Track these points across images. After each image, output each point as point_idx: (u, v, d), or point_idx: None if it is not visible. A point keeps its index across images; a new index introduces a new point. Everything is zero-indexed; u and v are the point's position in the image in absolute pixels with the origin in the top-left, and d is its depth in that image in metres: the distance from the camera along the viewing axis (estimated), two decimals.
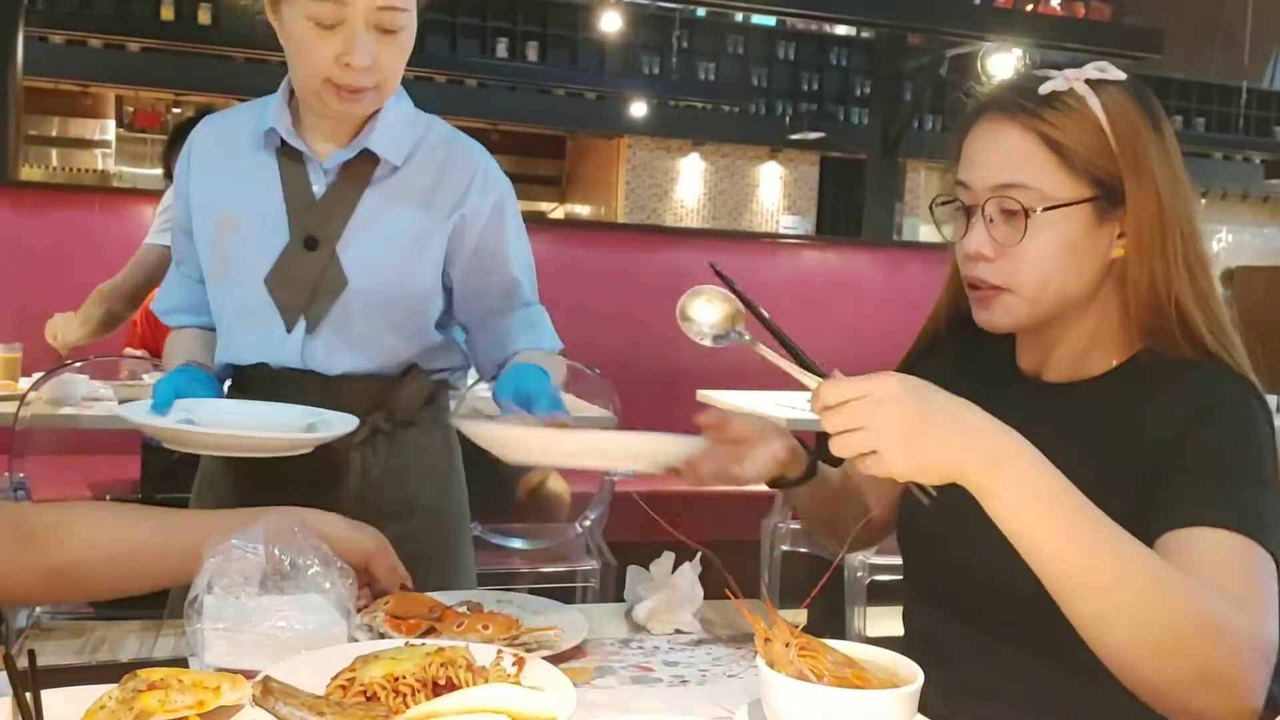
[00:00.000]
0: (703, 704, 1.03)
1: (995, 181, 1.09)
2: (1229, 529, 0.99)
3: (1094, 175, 1.07)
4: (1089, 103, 1.08)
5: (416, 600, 1.18)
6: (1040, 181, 1.07)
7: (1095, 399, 1.13)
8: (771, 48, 12.26)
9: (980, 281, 1.11)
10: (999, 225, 1.09)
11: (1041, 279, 1.09)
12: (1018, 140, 1.08)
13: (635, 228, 9.09)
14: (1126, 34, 8.86)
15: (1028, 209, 1.07)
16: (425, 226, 1.51)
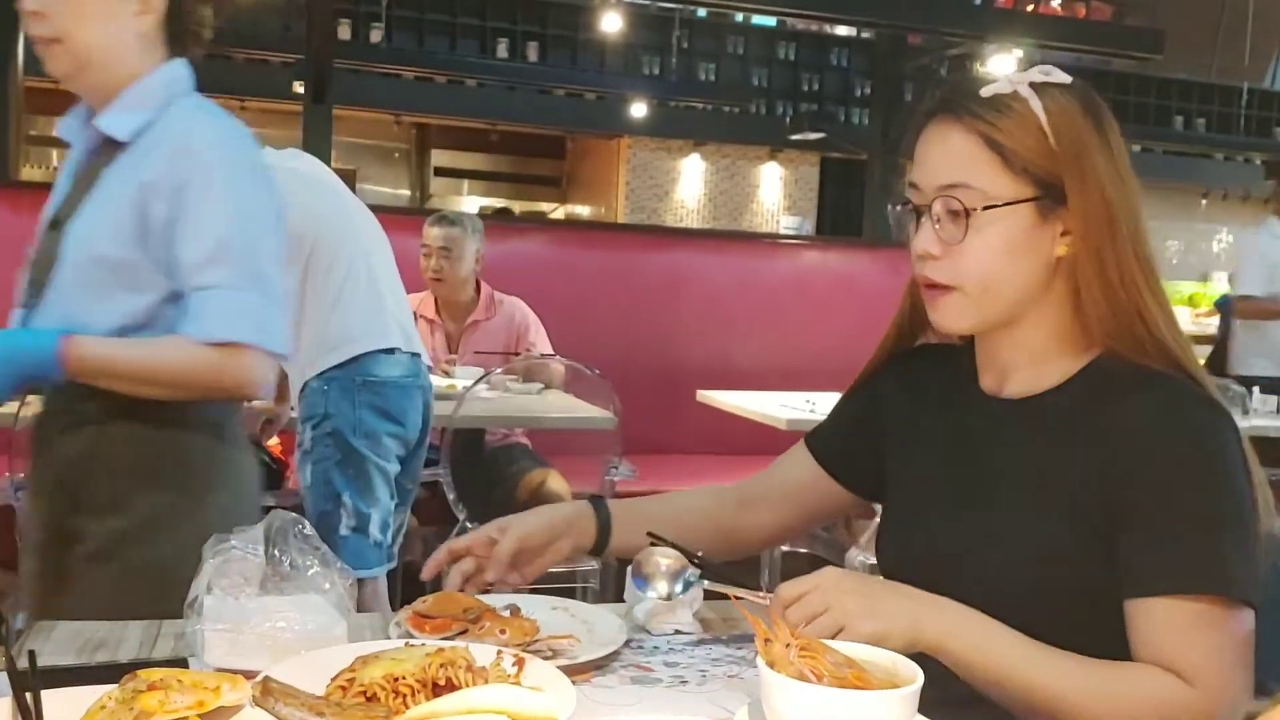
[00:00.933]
0: (703, 704, 1.03)
1: (941, 182, 1.11)
2: (1191, 596, 1.01)
3: (1035, 175, 1.09)
4: (1031, 105, 1.09)
5: (453, 600, 1.19)
6: (982, 182, 1.09)
7: (1055, 410, 1.13)
8: (772, 48, 12.25)
9: (929, 280, 1.13)
10: (945, 225, 1.11)
11: (983, 276, 1.11)
12: (961, 142, 1.10)
13: (635, 228, 9.09)
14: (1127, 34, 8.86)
15: (969, 208, 1.09)
16: (122, 198, 1.52)
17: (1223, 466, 1.05)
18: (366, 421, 2.60)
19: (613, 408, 3.07)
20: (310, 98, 6.47)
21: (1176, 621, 1.01)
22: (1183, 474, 1.04)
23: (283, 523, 1.14)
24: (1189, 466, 1.04)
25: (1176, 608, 1.01)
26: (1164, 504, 1.04)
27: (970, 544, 1.14)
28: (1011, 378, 1.18)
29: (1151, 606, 1.02)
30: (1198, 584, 1.01)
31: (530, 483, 3.48)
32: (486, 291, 3.77)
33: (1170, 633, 1.01)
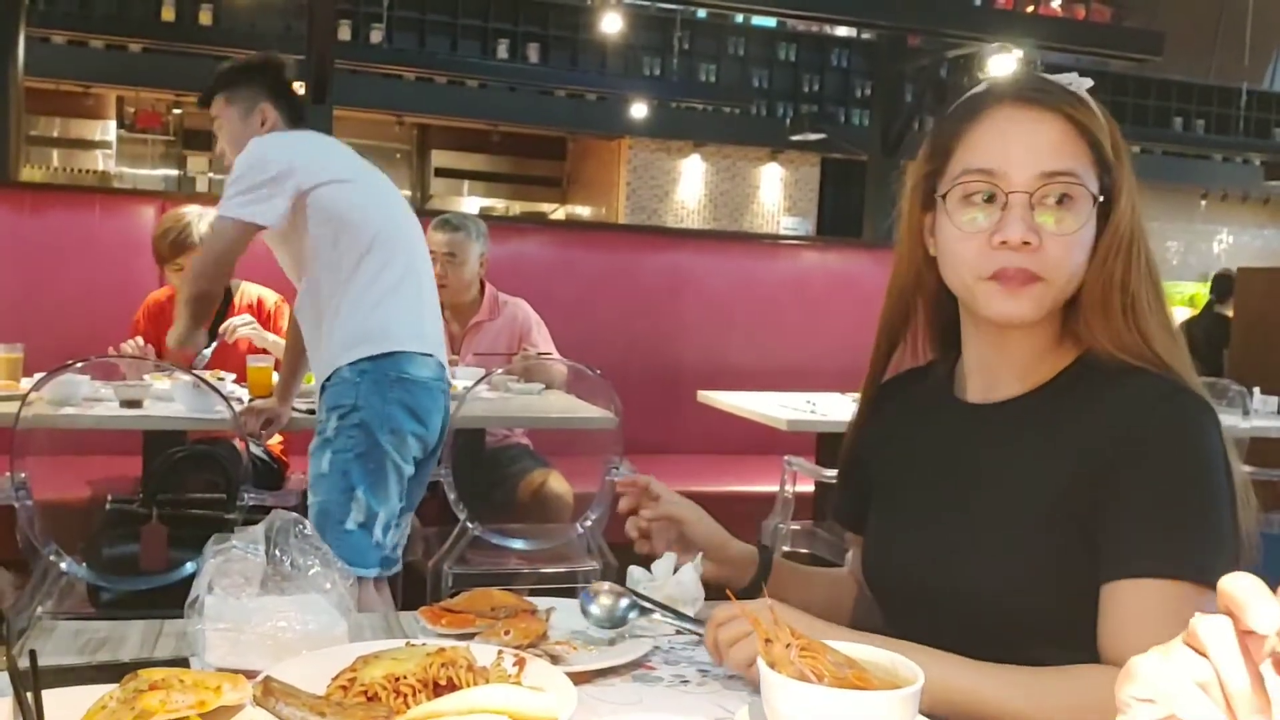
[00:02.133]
0: (703, 704, 1.03)
1: (1044, 169, 1.06)
2: (1166, 579, 0.99)
3: (1107, 174, 1.09)
4: (1094, 105, 1.09)
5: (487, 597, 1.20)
6: (1083, 172, 1.07)
7: (1035, 410, 1.13)
8: (772, 49, 12.26)
9: (1021, 270, 1.07)
10: (1051, 213, 1.07)
11: (1074, 269, 1.08)
12: (1062, 130, 1.07)
13: (636, 228, 9.09)
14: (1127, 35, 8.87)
15: (1094, 195, 1.07)
16: None
17: (1202, 455, 1.04)
18: (395, 417, 2.59)
19: (613, 408, 3.06)
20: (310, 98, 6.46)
21: (1141, 606, 1.00)
22: (1161, 461, 1.03)
23: (283, 523, 1.14)
24: (1167, 454, 1.04)
25: (1143, 592, 1.00)
26: (1141, 490, 1.03)
27: (953, 547, 1.13)
28: (999, 382, 1.16)
29: (1120, 590, 1.01)
30: (1168, 569, 0.99)
31: (531, 483, 3.48)
32: (491, 293, 3.76)
33: (1132, 617, 1.00)
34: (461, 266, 3.63)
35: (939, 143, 1.14)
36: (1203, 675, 0.47)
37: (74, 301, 3.97)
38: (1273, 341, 5.13)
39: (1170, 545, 1.01)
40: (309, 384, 3.16)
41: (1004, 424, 1.14)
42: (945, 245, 1.13)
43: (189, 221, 3.40)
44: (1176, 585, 0.99)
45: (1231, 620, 0.47)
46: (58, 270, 4.02)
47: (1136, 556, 1.01)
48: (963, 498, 1.14)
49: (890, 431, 1.27)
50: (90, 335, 3.36)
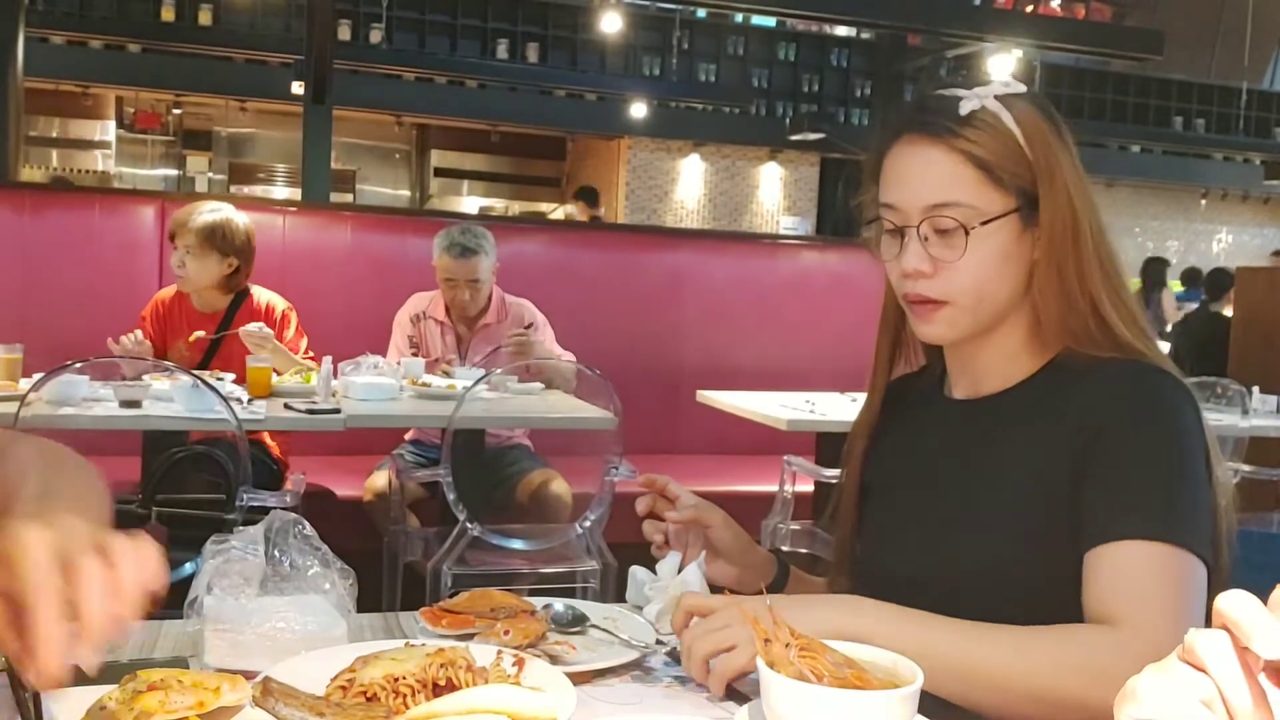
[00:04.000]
0: (702, 704, 1.03)
1: (928, 201, 1.11)
2: (1146, 539, 1.01)
3: (1016, 186, 1.11)
4: (1002, 118, 1.11)
5: (486, 597, 1.20)
6: (971, 199, 1.10)
7: (1017, 405, 1.16)
8: (772, 49, 12.26)
9: (920, 297, 1.14)
10: (934, 243, 1.12)
11: (978, 289, 1.12)
12: (944, 160, 1.11)
13: (635, 228, 9.09)
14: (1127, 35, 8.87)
15: (966, 226, 1.10)
16: None
17: (1178, 428, 1.07)
18: None
19: (613, 408, 3.06)
20: (310, 98, 6.47)
21: (1122, 566, 1.02)
22: (1139, 433, 1.07)
23: (282, 523, 1.14)
24: (1145, 426, 1.07)
25: (1125, 553, 1.02)
26: (1118, 460, 1.06)
27: (943, 534, 1.16)
28: (983, 381, 1.20)
29: (1102, 553, 1.03)
30: (1148, 530, 1.02)
31: (530, 483, 3.48)
32: (498, 295, 3.75)
33: (1113, 576, 1.02)
34: (483, 286, 3.61)
35: (868, 172, 1.20)
36: (1204, 693, 0.47)
37: (73, 301, 3.97)
38: (1272, 341, 5.13)
39: (1148, 509, 1.03)
40: (308, 383, 3.16)
41: (988, 417, 1.18)
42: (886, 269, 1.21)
43: (200, 209, 3.39)
44: (1157, 546, 1.01)
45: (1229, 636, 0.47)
46: (57, 270, 4.02)
47: (1117, 521, 1.03)
48: (951, 488, 1.17)
49: (884, 431, 1.30)
50: (90, 335, 3.35)
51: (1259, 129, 13.80)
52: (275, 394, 3.08)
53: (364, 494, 3.54)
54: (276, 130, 11.66)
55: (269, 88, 9.86)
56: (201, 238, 3.36)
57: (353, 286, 4.30)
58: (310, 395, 3.07)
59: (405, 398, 3.22)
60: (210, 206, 3.44)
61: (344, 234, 4.46)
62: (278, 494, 2.84)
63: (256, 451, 3.26)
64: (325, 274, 4.31)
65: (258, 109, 11.37)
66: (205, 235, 3.36)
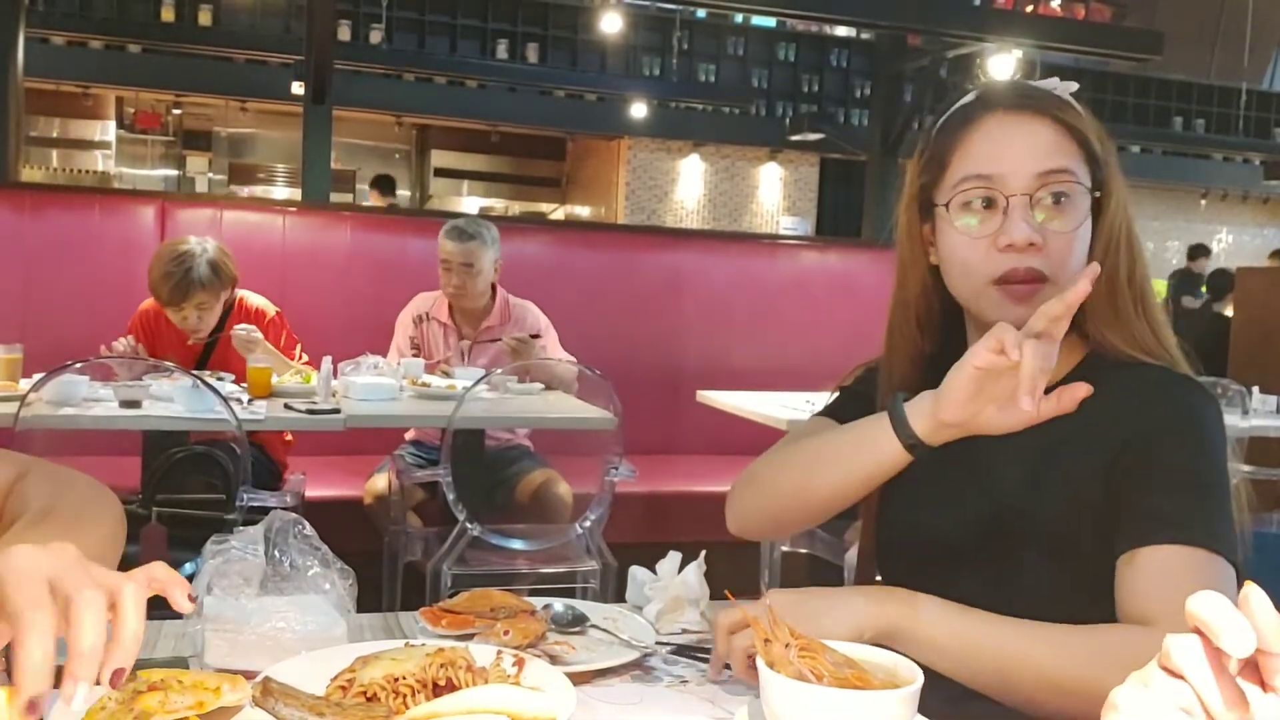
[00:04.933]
0: (702, 704, 1.03)
1: (1041, 168, 1.09)
2: (1189, 545, 1.02)
3: (1099, 171, 1.12)
4: (1079, 107, 1.13)
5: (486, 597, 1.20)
6: (1078, 169, 1.10)
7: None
8: (772, 49, 12.26)
9: (1031, 273, 1.09)
10: (1046, 212, 1.10)
11: (1078, 267, 1.10)
12: (1052, 132, 1.11)
13: (635, 228, 9.09)
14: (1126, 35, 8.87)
15: (1090, 189, 1.10)
16: None
17: (1208, 436, 1.08)
18: None
19: (613, 408, 3.06)
20: (310, 99, 6.47)
21: (1157, 568, 1.02)
22: (1171, 439, 1.07)
23: (283, 523, 1.13)
24: (1177, 433, 1.08)
25: (1160, 556, 1.03)
26: (1156, 469, 1.06)
27: (972, 531, 1.15)
28: None
29: (1137, 557, 1.04)
30: (1183, 535, 1.02)
31: (531, 483, 3.48)
32: (502, 297, 3.74)
33: (1149, 579, 1.02)
34: (478, 275, 3.60)
35: (934, 154, 1.15)
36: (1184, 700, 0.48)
37: (73, 302, 3.97)
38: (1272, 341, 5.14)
39: (1187, 516, 1.04)
40: (308, 384, 3.16)
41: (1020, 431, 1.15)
42: (949, 254, 1.14)
43: (189, 265, 3.23)
44: (1193, 551, 1.02)
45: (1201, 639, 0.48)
46: (57, 270, 4.02)
47: (1156, 526, 1.04)
48: (983, 480, 1.16)
49: None
50: (90, 336, 3.35)
51: (1259, 129, 13.80)
52: (275, 394, 3.08)
53: (364, 495, 3.54)
54: (276, 130, 11.66)
55: (269, 88, 9.86)
56: (210, 289, 3.28)
57: (353, 287, 4.30)
58: (310, 395, 3.07)
59: (405, 398, 3.22)
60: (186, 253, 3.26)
61: (344, 234, 4.46)
62: (277, 494, 2.84)
63: (256, 452, 3.26)
64: (325, 274, 4.31)
65: (258, 109, 11.38)
66: (214, 285, 3.28)
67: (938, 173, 1.15)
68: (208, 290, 3.28)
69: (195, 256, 3.26)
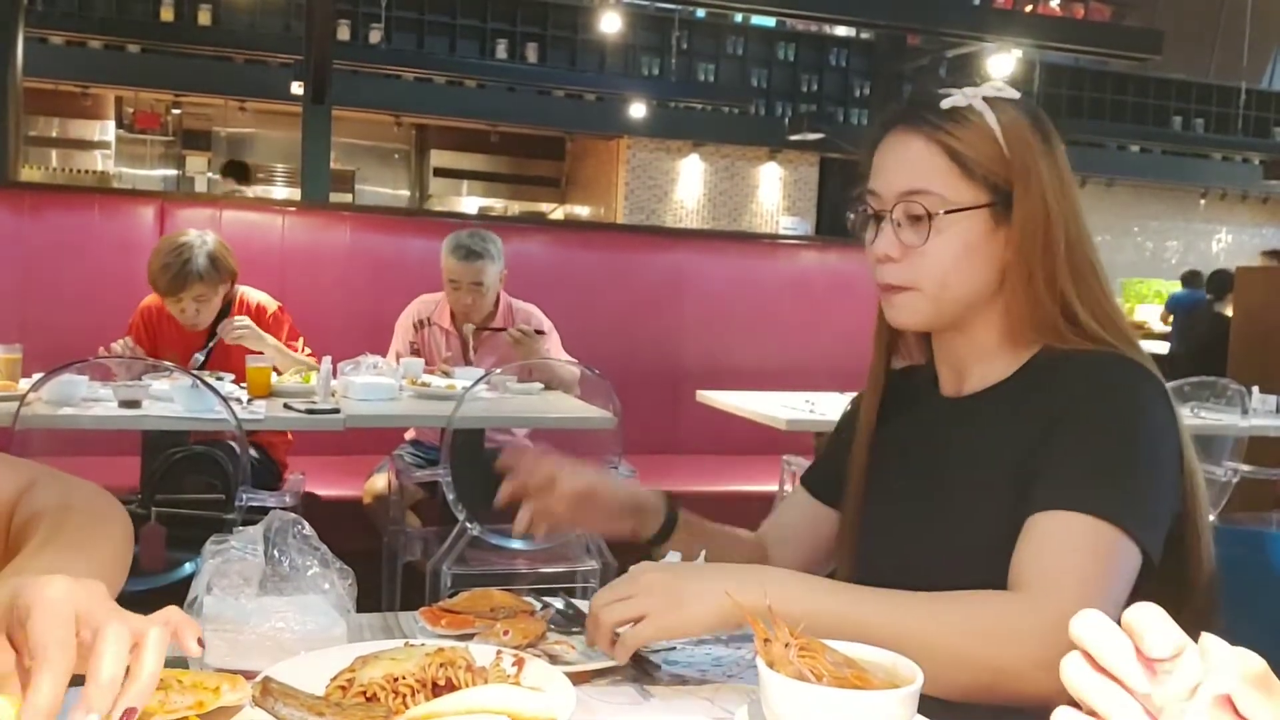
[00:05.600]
0: (702, 704, 1.03)
1: (902, 188, 1.16)
2: (1080, 512, 1.03)
3: (990, 182, 1.15)
4: (986, 117, 1.16)
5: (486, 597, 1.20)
6: (942, 188, 1.15)
7: (999, 401, 1.19)
8: (771, 49, 12.26)
9: (888, 283, 1.19)
10: (906, 229, 1.17)
11: (941, 277, 1.16)
12: (922, 150, 1.16)
13: (635, 228, 9.09)
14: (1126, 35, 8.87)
15: (931, 212, 1.15)
16: None
17: (1139, 416, 1.10)
18: None
19: (613, 408, 3.06)
20: (310, 98, 6.47)
21: (1049, 534, 1.03)
22: (1094, 410, 1.09)
23: (282, 523, 1.13)
24: (1101, 404, 1.10)
25: (1056, 523, 1.03)
26: (1073, 436, 1.08)
27: (927, 531, 1.18)
28: (967, 377, 1.24)
29: (1035, 521, 1.05)
30: (1081, 504, 1.03)
31: None
32: (505, 301, 3.74)
33: (1039, 544, 1.03)
34: (489, 291, 3.60)
35: (862, 165, 1.24)
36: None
37: (73, 302, 3.97)
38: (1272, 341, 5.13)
39: (1092, 484, 1.05)
40: (308, 384, 3.16)
41: (973, 411, 1.22)
42: None
43: (188, 256, 3.24)
44: (1088, 519, 1.03)
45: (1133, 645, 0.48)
46: (57, 270, 4.02)
47: (1055, 492, 1.06)
48: (938, 479, 1.20)
49: (883, 419, 1.32)
50: (89, 335, 3.35)
51: (1258, 129, 13.79)
52: (275, 394, 3.08)
53: (364, 495, 3.54)
54: (276, 130, 11.66)
55: (268, 88, 9.85)
56: (209, 281, 3.29)
57: (352, 287, 4.30)
58: (310, 395, 3.07)
59: (404, 398, 3.22)
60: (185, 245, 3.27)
61: (343, 234, 4.46)
62: (277, 494, 2.84)
63: (256, 452, 3.26)
64: (325, 274, 4.31)
65: (257, 109, 11.37)
66: (212, 277, 3.29)
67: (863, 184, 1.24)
68: (205, 282, 3.28)
69: (194, 248, 3.27)
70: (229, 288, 3.41)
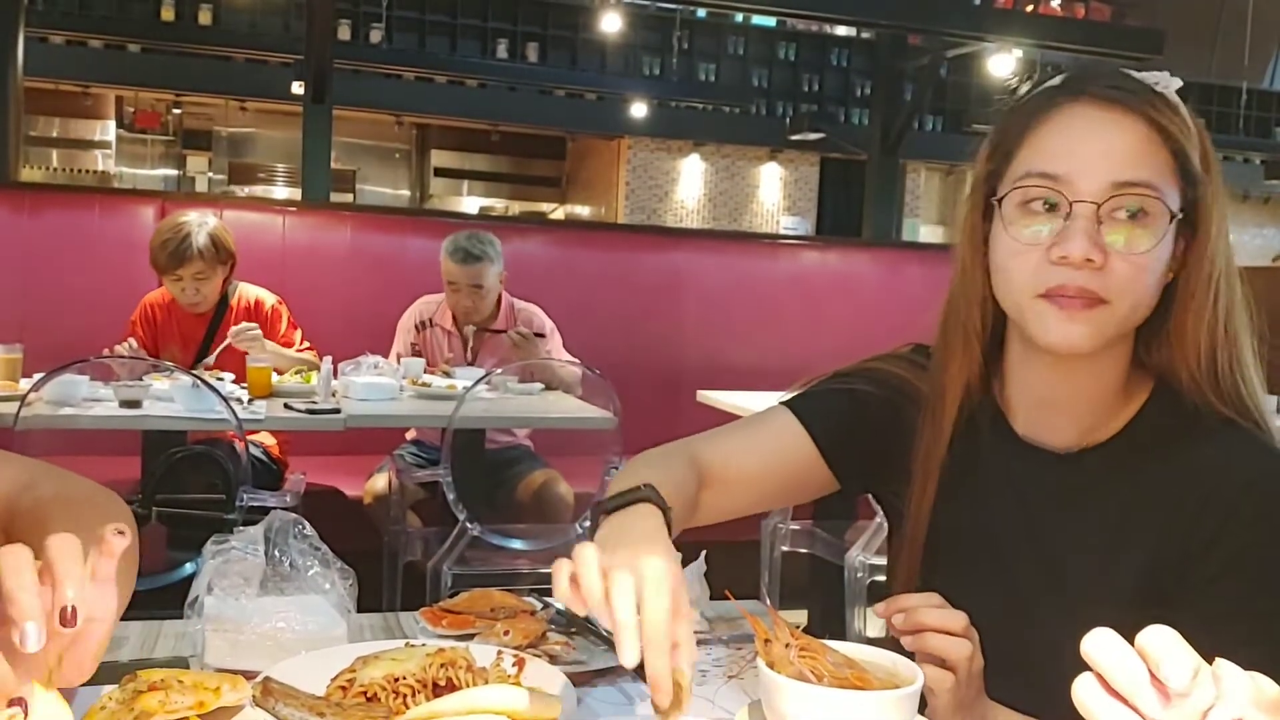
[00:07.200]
0: (702, 705, 1.03)
1: (1117, 177, 0.93)
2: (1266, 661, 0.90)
3: (1192, 189, 0.95)
4: (1182, 110, 0.97)
5: (486, 597, 1.20)
6: (1163, 185, 0.94)
7: (1107, 464, 1.02)
8: (772, 48, 12.26)
9: (1081, 290, 0.93)
10: (1112, 228, 0.93)
11: (1143, 296, 0.95)
12: (1139, 133, 0.94)
13: (635, 228, 9.09)
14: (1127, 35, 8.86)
15: (1172, 213, 0.93)
16: None
17: None
18: None
19: (613, 408, 3.06)
20: (310, 98, 6.47)
21: None
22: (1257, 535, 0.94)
23: (283, 523, 1.13)
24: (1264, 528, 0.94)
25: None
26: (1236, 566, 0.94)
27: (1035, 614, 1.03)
28: (1053, 420, 1.04)
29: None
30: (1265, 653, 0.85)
31: (531, 483, 3.48)
32: (506, 302, 3.74)
33: None
34: (489, 293, 3.60)
35: (1001, 141, 1.01)
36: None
37: (73, 302, 3.97)
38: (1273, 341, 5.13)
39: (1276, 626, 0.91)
40: (308, 384, 3.16)
41: (1085, 479, 1.03)
42: (998, 257, 1.00)
43: (188, 232, 3.28)
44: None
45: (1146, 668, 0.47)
46: (57, 270, 4.02)
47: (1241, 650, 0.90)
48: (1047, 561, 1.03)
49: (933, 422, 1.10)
50: (90, 335, 3.35)
51: (1259, 129, 13.80)
52: (275, 394, 3.08)
53: (364, 495, 3.54)
54: (276, 130, 11.66)
55: (269, 87, 9.86)
56: (208, 259, 3.31)
57: (353, 286, 4.30)
58: (310, 395, 3.07)
59: (405, 398, 3.22)
60: (185, 224, 3.30)
61: (344, 234, 4.46)
62: (277, 494, 2.84)
63: (256, 452, 3.26)
64: (325, 274, 4.31)
65: (258, 109, 11.38)
66: (211, 255, 3.31)
67: (1001, 164, 1.00)
68: (205, 260, 3.30)
69: (194, 227, 3.31)
70: (228, 271, 3.42)
